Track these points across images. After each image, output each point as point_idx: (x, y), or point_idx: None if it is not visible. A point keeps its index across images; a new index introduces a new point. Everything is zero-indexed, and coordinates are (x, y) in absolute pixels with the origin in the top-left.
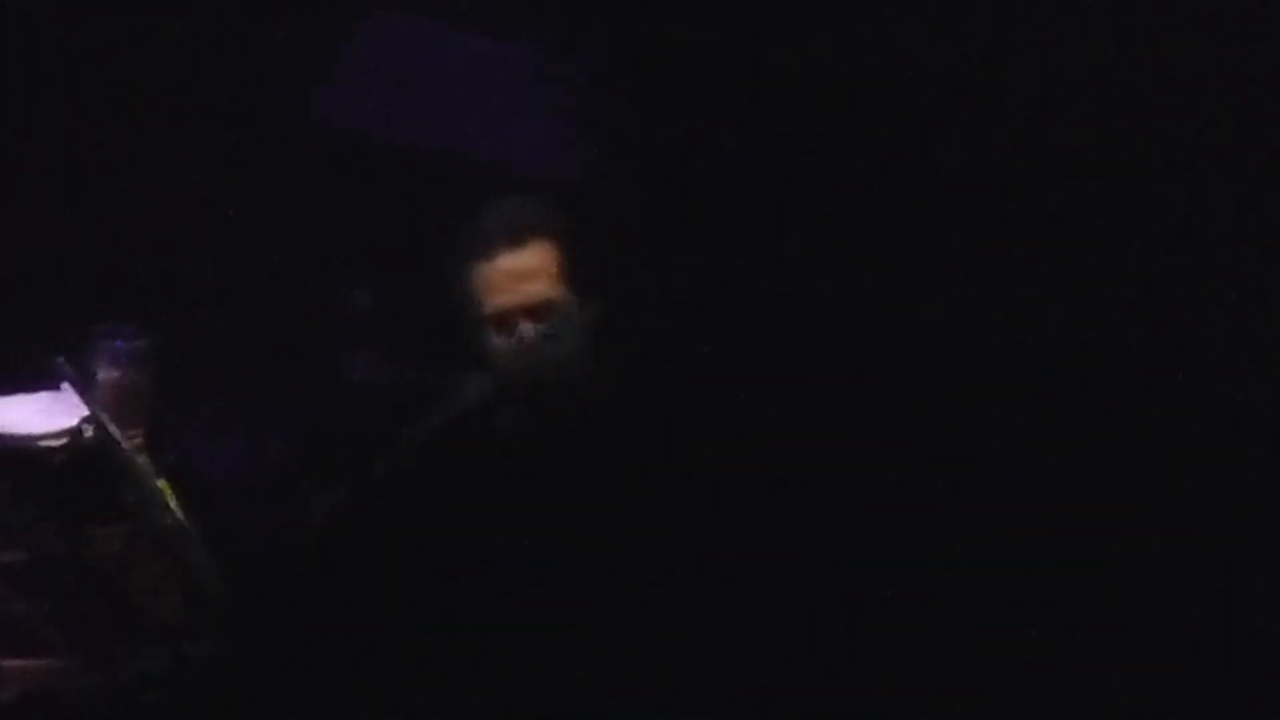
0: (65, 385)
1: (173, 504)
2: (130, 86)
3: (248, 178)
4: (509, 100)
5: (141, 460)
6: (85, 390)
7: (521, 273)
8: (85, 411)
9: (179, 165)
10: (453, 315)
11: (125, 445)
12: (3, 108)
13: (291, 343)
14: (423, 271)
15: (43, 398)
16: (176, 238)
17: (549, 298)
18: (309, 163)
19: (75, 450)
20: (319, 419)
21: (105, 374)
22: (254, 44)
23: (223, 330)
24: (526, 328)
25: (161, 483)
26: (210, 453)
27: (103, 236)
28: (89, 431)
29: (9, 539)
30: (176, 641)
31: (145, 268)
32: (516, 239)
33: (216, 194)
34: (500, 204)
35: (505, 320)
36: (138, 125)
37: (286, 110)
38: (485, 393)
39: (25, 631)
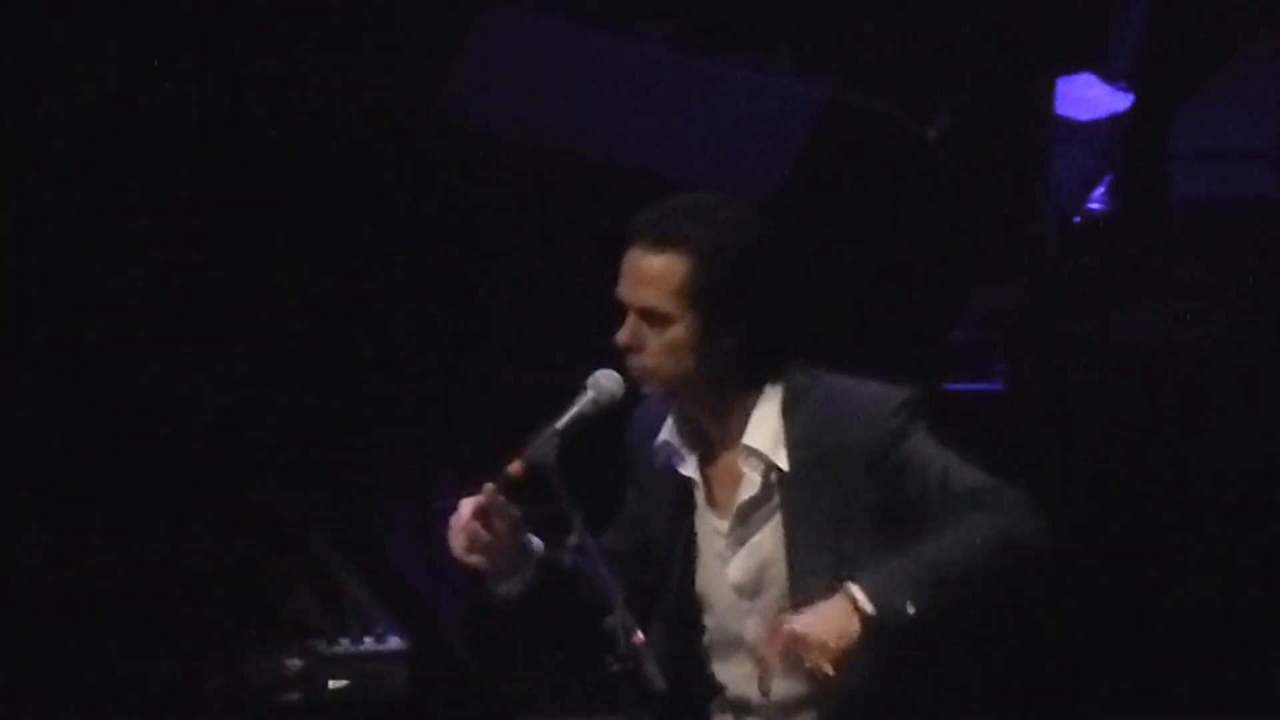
0: None
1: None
2: (264, 101)
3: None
4: (647, 102)
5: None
6: None
7: (644, 275)
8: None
9: (312, 165)
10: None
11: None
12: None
13: (415, 341)
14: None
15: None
16: (314, 234)
17: (657, 309)
18: (445, 168)
19: None
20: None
21: None
22: (387, 49)
23: (348, 327)
24: (626, 330)
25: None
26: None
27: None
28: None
29: (142, 545)
30: (312, 641)
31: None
32: (657, 242)
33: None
34: (670, 201)
35: (622, 312)
36: (267, 121)
37: (420, 116)
38: (613, 391)
39: (159, 631)
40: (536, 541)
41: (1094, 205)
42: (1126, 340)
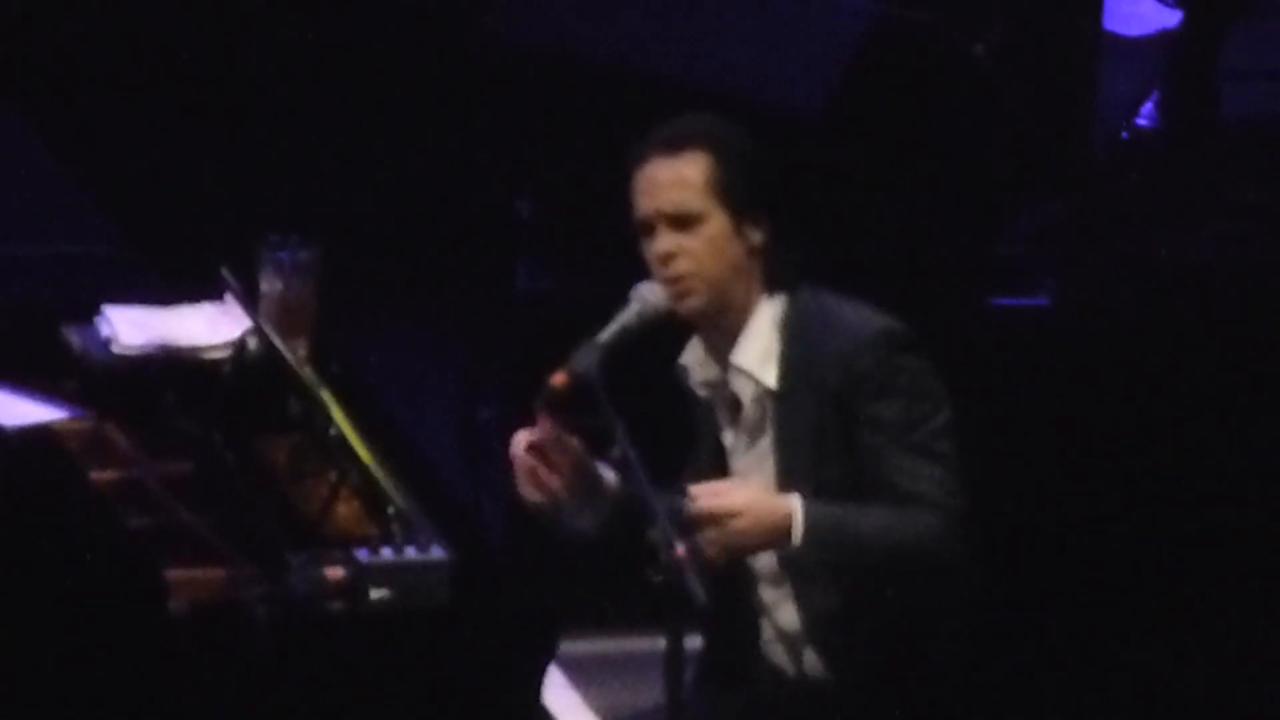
0: (229, 297)
1: (336, 415)
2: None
3: (414, 90)
4: (693, 13)
5: (306, 371)
6: (249, 302)
7: (668, 180)
8: (249, 323)
9: (345, 77)
10: (614, 225)
11: (289, 357)
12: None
13: (457, 252)
14: (586, 182)
15: (208, 310)
16: (343, 149)
17: (689, 208)
18: (475, 75)
19: (240, 362)
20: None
21: (269, 285)
22: None
23: (388, 241)
24: (664, 240)
25: (325, 394)
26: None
27: (268, 148)
28: (253, 343)
29: (179, 451)
30: (354, 550)
31: (311, 179)
32: (673, 147)
33: (382, 105)
34: (675, 119)
35: (649, 226)
36: (306, 38)
37: (456, 25)
38: (656, 304)
39: (197, 542)
40: (609, 475)
41: (1141, 121)
42: (1173, 257)
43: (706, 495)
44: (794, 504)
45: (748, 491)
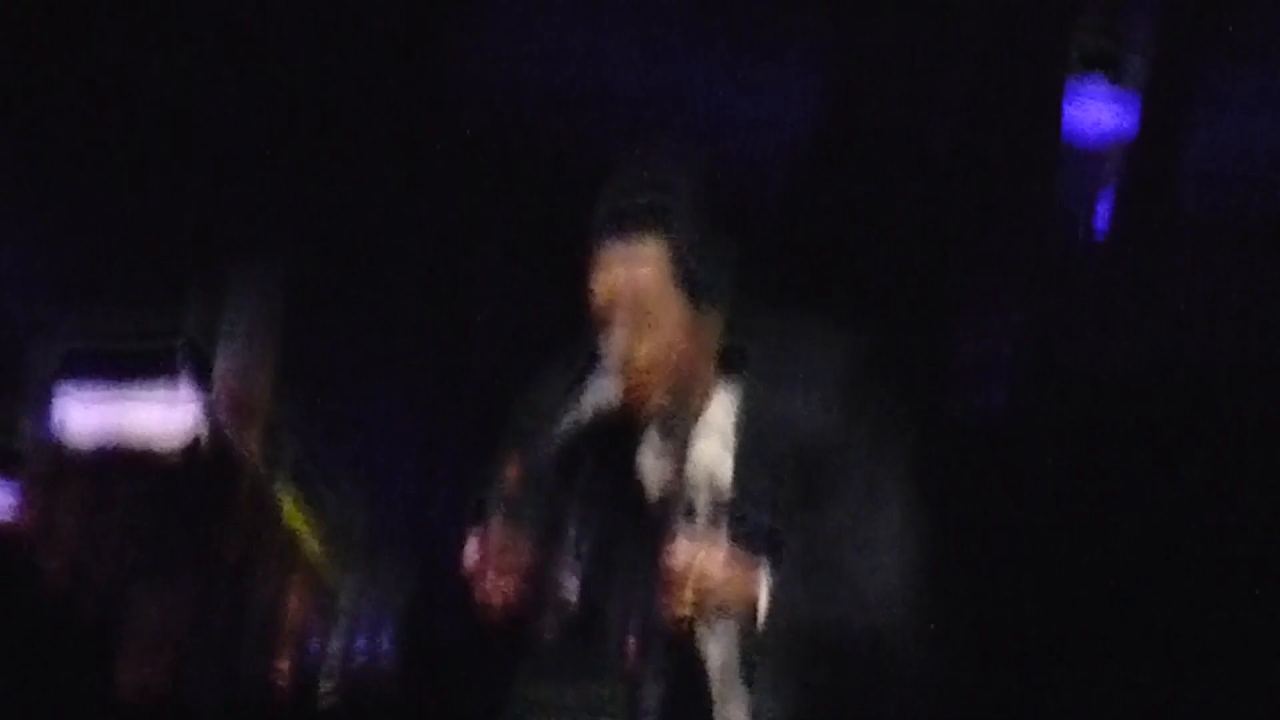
0: (183, 383)
1: (289, 509)
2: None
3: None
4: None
5: (258, 462)
6: (204, 388)
7: (624, 273)
8: (203, 413)
9: (316, 98)
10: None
11: (241, 448)
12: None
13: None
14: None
15: (163, 395)
16: (308, 174)
17: (643, 304)
18: (446, 97)
19: (193, 453)
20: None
21: (223, 367)
22: None
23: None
24: (620, 338)
25: (279, 484)
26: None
27: (232, 218)
28: (205, 436)
29: (130, 541)
30: (305, 646)
31: (277, 204)
32: (627, 234)
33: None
34: (627, 193)
35: (603, 315)
36: (277, 60)
37: (429, 44)
38: (612, 401)
39: (147, 631)
40: (569, 577)
41: (1098, 223)
42: (1130, 359)
43: (683, 553)
44: (760, 582)
45: (723, 557)
